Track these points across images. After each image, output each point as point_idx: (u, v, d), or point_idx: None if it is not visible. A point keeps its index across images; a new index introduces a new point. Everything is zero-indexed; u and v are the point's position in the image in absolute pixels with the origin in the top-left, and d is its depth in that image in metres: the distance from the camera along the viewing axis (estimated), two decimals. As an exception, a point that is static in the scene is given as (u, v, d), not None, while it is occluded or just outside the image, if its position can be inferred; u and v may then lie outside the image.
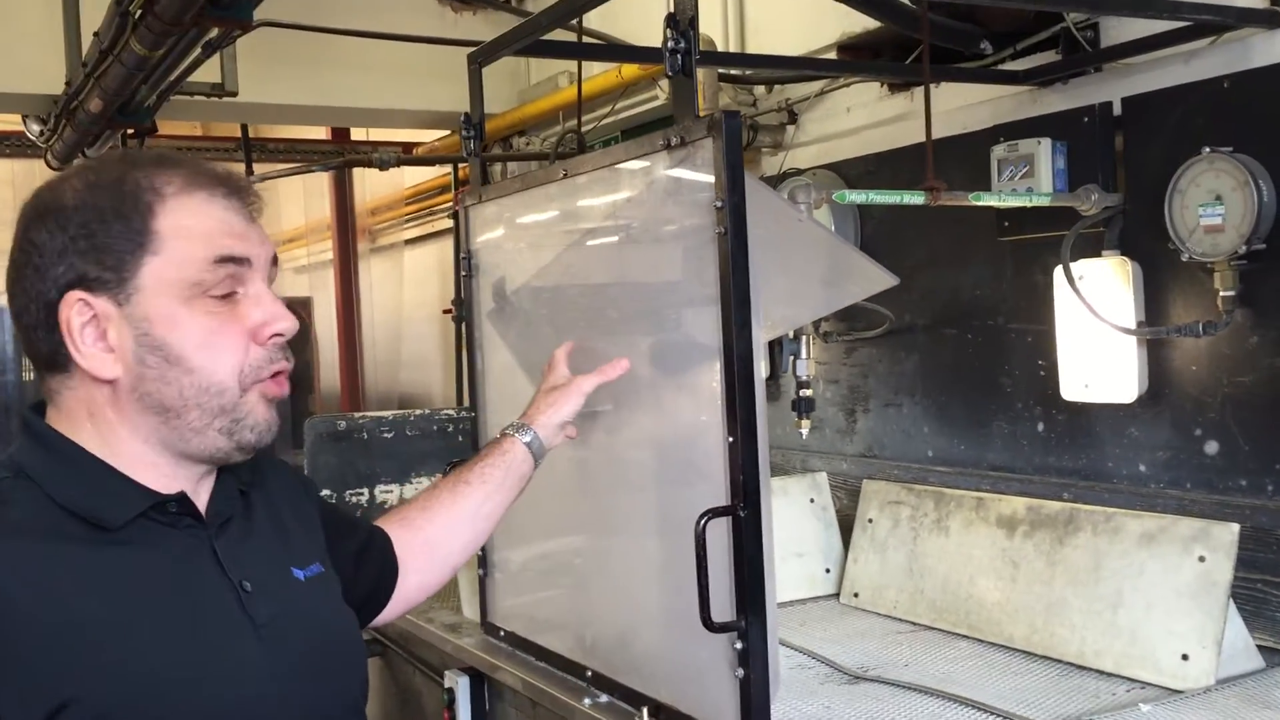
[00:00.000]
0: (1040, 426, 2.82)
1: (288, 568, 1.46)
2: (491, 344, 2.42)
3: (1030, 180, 2.67)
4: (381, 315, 6.58)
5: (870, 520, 2.96)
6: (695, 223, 1.78)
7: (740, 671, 1.74)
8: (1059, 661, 2.41)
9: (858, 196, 2.34)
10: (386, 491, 3.61)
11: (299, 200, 7.19)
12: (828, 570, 3.04)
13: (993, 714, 2.15)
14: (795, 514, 3.04)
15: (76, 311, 1.30)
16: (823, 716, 2.19)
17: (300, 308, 6.95)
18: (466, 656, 2.50)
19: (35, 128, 4.61)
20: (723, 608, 1.75)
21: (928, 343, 3.13)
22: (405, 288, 6.61)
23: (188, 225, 1.32)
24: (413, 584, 1.80)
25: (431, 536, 1.82)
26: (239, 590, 1.35)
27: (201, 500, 1.39)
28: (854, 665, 2.46)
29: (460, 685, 2.53)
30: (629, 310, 1.87)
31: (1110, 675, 2.31)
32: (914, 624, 2.74)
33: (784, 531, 2.98)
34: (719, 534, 1.75)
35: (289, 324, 1.38)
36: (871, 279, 2.07)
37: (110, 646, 1.23)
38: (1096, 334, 2.57)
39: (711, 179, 1.72)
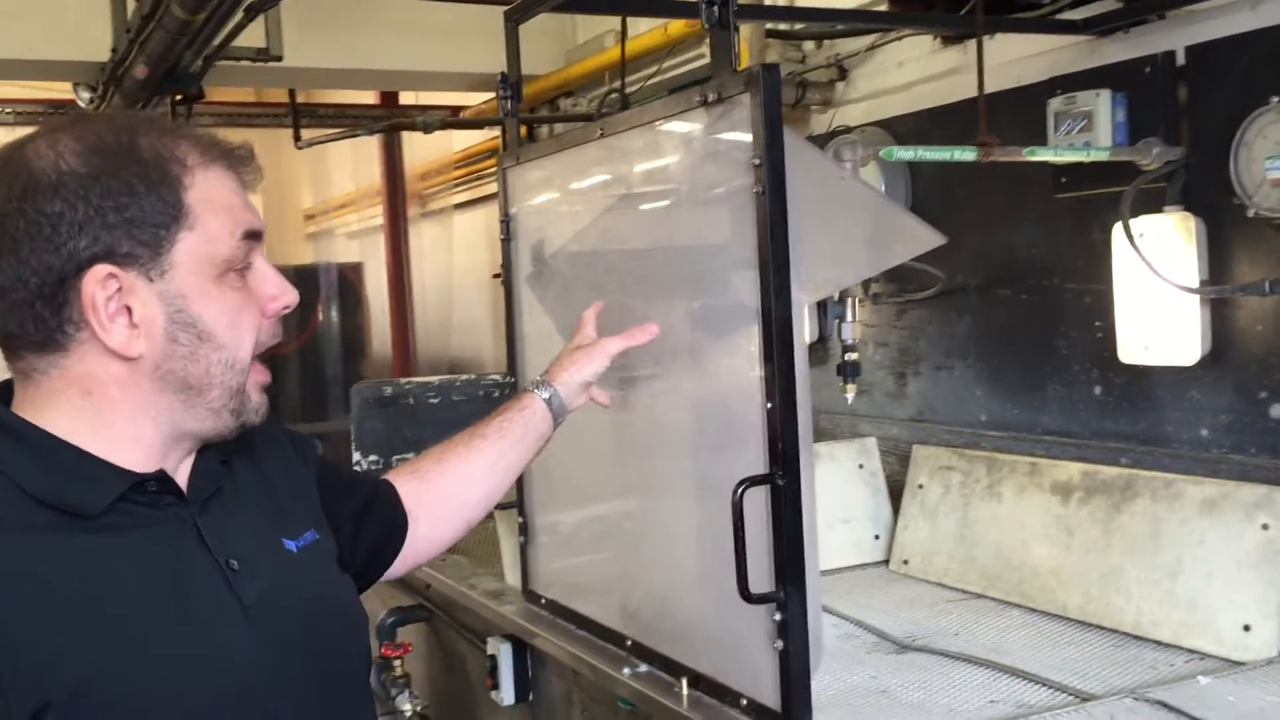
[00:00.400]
0: (1097, 390, 2.74)
1: (278, 540, 1.41)
2: (530, 308, 2.38)
3: (1088, 134, 2.57)
4: (432, 280, 6.57)
5: (920, 486, 2.90)
6: (734, 182, 1.72)
7: (779, 643, 1.69)
8: (1114, 631, 2.35)
9: (906, 153, 2.26)
10: (433, 457, 3.59)
11: (348, 166, 7.18)
12: (876, 537, 2.98)
13: (1044, 685, 2.09)
14: (843, 479, 2.99)
15: (102, 286, 1.24)
16: (869, 686, 2.14)
17: (351, 273, 6.97)
18: (507, 624, 2.48)
19: (85, 95, 4.62)
20: (761, 578, 1.70)
21: (980, 304, 3.04)
22: (455, 252, 6.58)
23: (213, 199, 1.28)
24: (422, 537, 1.75)
25: (444, 489, 1.77)
26: (225, 569, 1.31)
27: (182, 477, 1.34)
28: (902, 634, 2.41)
29: (502, 652, 2.51)
30: (666, 273, 1.82)
31: (1167, 646, 2.24)
32: (964, 592, 2.68)
33: (832, 497, 2.94)
34: (758, 503, 1.70)
35: (295, 296, 1.36)
36: (918, 238, 2.00)
37: (90, 639, 1.19)
38: (1157, 293, 2.48)
39: (750, 137, 1.66)
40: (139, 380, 1.28)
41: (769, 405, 1.67)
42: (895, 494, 2.99)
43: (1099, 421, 2.73)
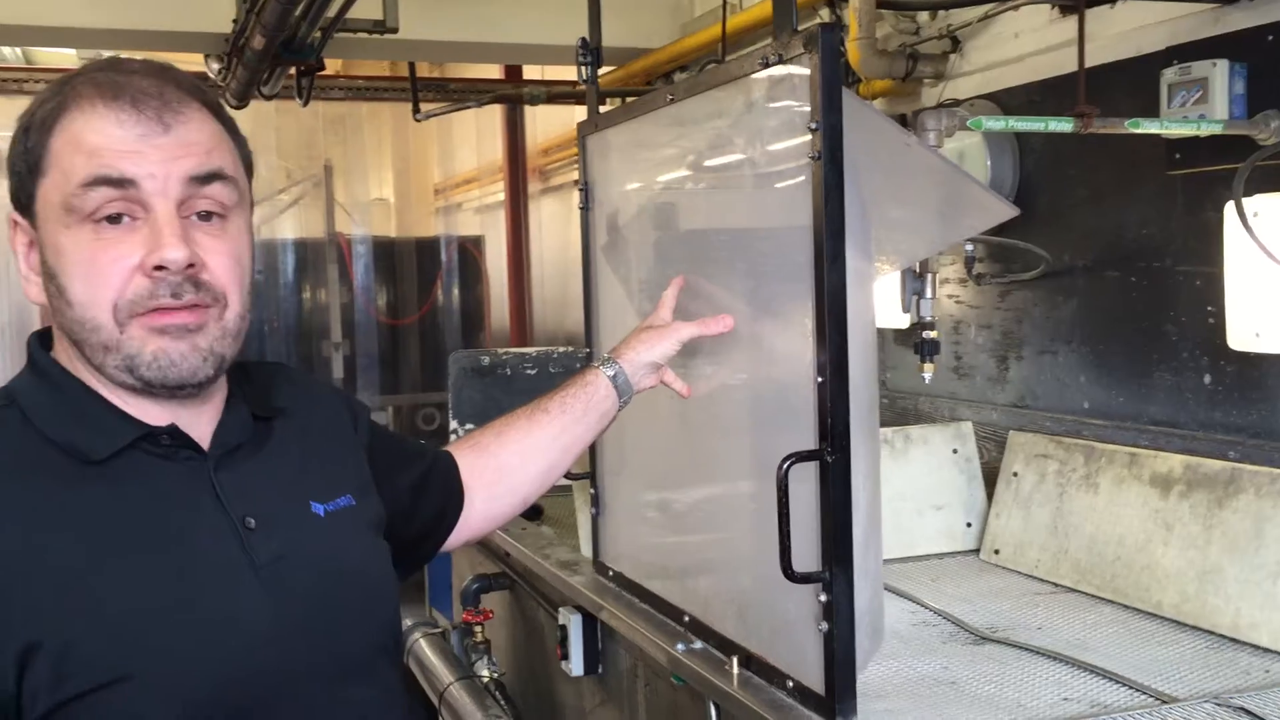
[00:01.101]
0: (1206, 378, 2.58)
1: (305, 502, 1.37)
2: (605, 279, 2.36)
3: (1204, 106, 2.42)
4: (550, 255, 6.61)
5: (1015, 474, 2.79)
6: (792, 146, 1.66)
7: (824, 625, 1.64)
8: (1210, 633, 2.22)
9: (995, 123, 2.15)
10: (529, 427, 3.60)
11: (472, 142, 7.27)
12: (969, 525, 2.88)
13: (1124, 685, 1.99)
14: (935, 464, 2.89)
15: (12, 231, 1.28)
16: (938, 676, 2.06)
17: (471, 246, 7.05)
18: (576, 595, 2.48)
19: (215, 66, 4.75)
20: (809, 558, 1.65)
21: (1087, 286, 2.90)
22: (573, 227, 6.59)
23: (79, 141, 1.22)
24: (478, 512, 1.72)
25: (504, 463, 1.74)
26: (240, 526, 1.28)
27: (205, 431, 1.32)
28: (982, 625, 2.32)
29: (573, 623, 2.51)
30: (730, 243, 1.77)
31: (1265, 651, 2.11)
32: (1055, 585, 2.57)
33: (924, 483, 2.85)
34: (810, 481, 1.65)
35: (174, 254, 1.21)
36: (990, 210, 1.91)
37: (82, 586, 1.17)
38: (1270, 277, 2.32)
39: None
40: (58, 329, 1.28)
41: (819, 380, 1.61)
42: (992, 481, 2.89)
43: (1207, 412, 2.58)
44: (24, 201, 1.26)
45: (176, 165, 1.23)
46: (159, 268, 1.22)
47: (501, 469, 1.74)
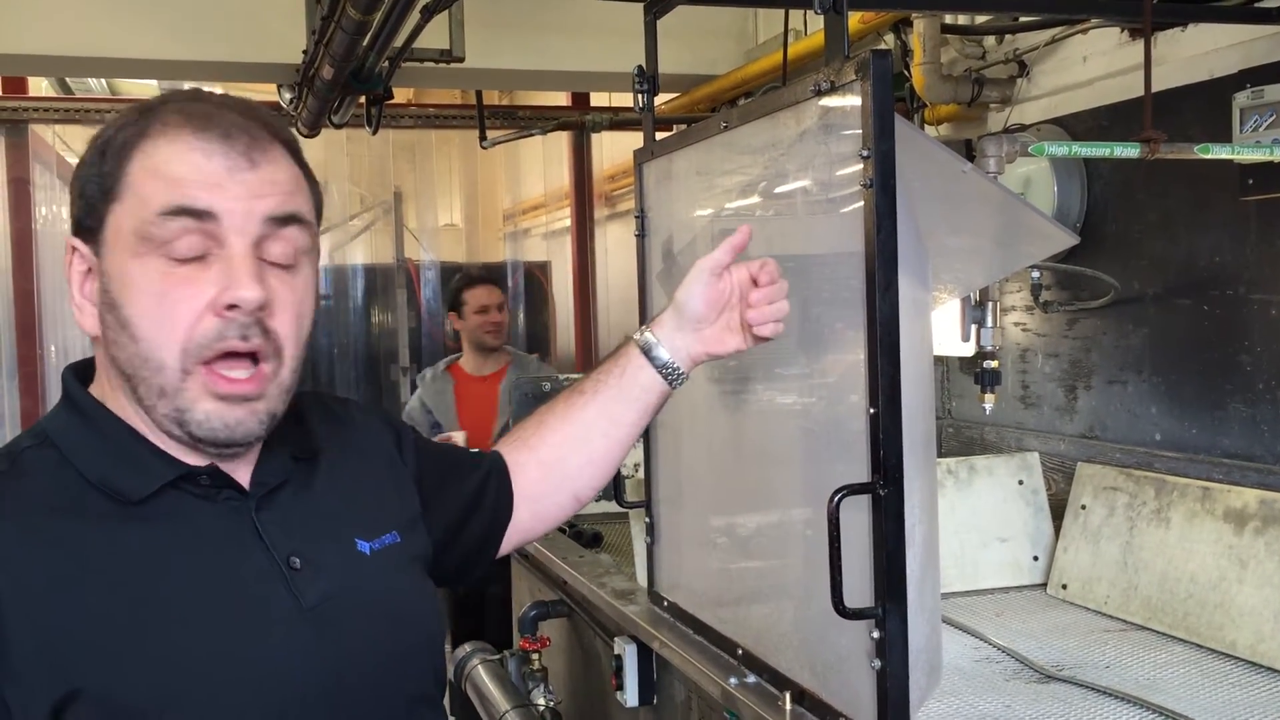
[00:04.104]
0: (1283, 410, 2.50)
1: (351, 540, 1.33)
2: (660, 307, 2.33)
3: (1277, 131, 2.35)
4: (615, 279, 6.62)
5: (1083, 507, 2.72)
6: (845, 174, 1.64)
7: (877, 662, 1.60)
8: (1286, 675, 2.14)
9: (1059, 149, 2.11)
10: (589, 453, 3.59)
11: (539, 168, 7.32)
12: (1035, 558, 2.81)
13: (1193, 729, 1.92)
14: (1001, 496, 2.82)
15: (71, 257, 1.24)
16: (999, 716, 2.01)
17: (538, 272, 7.09)
18: (632, 625, 2.45)
19: (287, 95, 4.84)
20: (862, 593, 1.61)
21: (1158, 314, 2.83)
22: (637, 253, 6.59)
23: (156, 169, 1.18)
24: (525, 514, 1.62)
25: (545, 456, 1.62)
26: (285, 567, 1.24)
27: (244, 473, 1.28)
28: (1048, 663, 2.26)
29: (628, 653, 2.48)
30: (784, 270, 1.73)
31: (1344, 695, 2.03)
32: (1124, 622, 2.50)
33: (988, 515, 2.79)
34: (863, 515, 1.61)
35: (248, 293, 1.17)
36: (1050, 238, 1.86)
37: (123, 632, 1.14)
38: (1349, 306, 2.25)
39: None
40: (107, 362, 1.24)
41: (871, 410, 1.58)
42: (1059, 513, 2.82)
43: (1284, 445, 2.50)
44: (89, 226, 1.22)
45: (258, 203, 1.20)
46: (231, 306, 1.18)
47: (544, 463, 1.63)
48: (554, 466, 1.63)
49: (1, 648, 1.11)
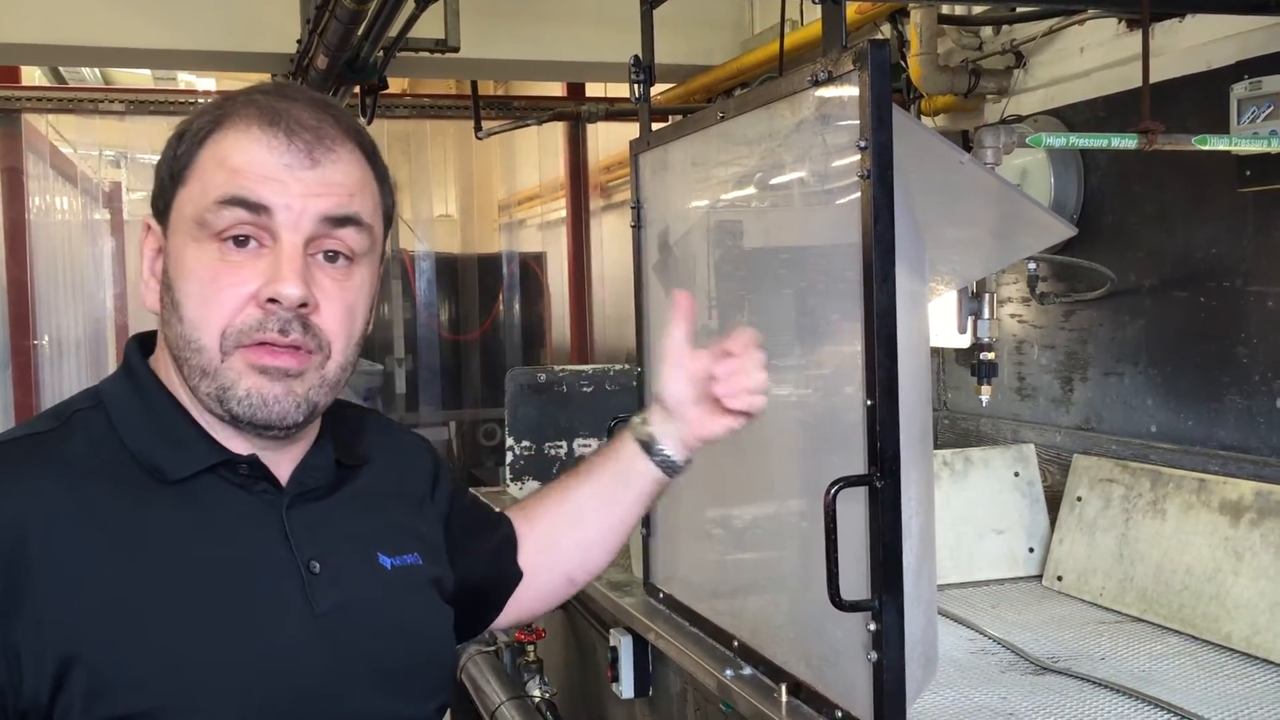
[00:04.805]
0: (1279, 402, 2.50)
1: (373, 553, 1.32)
2: (656, 298, 2.34)
3: (1275, 122, 2.34)
4: (611, 270, 6.61)
5: (1079, 498, 2.72)
6: (842, 165, 1.63)
7: (873, 655, 1.60)
8: (1281, 667, 2.14)
9: (1056, 140, 2.10)
10: (585, 445, 3.59)
11: (535, 159, 7.31)
12: (1031, 550, 2.81)
13: (1189, 719, 1.92)
14: (996, 488, 2.83)
15: (145, 235, 1.27)
16: (995, 708, 2.01)
17: (533, 262, 7.08)
18: (627, 616, 2.45)
19: (280, 86, 4.81)
20: (859, 585, 1.61)
21: (1154, 306, 2.82)
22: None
23: (220, 159, 1.21)
24: (525, 587, 1.59)
25: (541, 530, 1.60)
26: (304, 570, 1.23)
27: (286, 470, 1.28)
28: (1043, 654, 2.26)
29: (623, 645, 2.48)
30: (781, 262, 1.74)
31: (1340, 687, 2.03)
32: (1120, 614, 2.50)
33: (984, 506, 2.80)
34: (860, 507, 1.61)
35: (289, 290, 1.18)
36: (1047, 229, 1.86)
37: (132, 607, 1.14)
38: (1346, 298, 2.24)
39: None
40: (163, 340, 1.27)
41: (869, 403, 1.58)
42: (1055, 505, 2.82)
43: (1279, 437, 2.49)
44: (160, 208, 1.25)
45: (314, 202, 1.21)
46: (272, 300, 1.19)
47: (539, 539, 1.61)
48: (546, 544, 1.62)
49: (23, 591, 1.12)
